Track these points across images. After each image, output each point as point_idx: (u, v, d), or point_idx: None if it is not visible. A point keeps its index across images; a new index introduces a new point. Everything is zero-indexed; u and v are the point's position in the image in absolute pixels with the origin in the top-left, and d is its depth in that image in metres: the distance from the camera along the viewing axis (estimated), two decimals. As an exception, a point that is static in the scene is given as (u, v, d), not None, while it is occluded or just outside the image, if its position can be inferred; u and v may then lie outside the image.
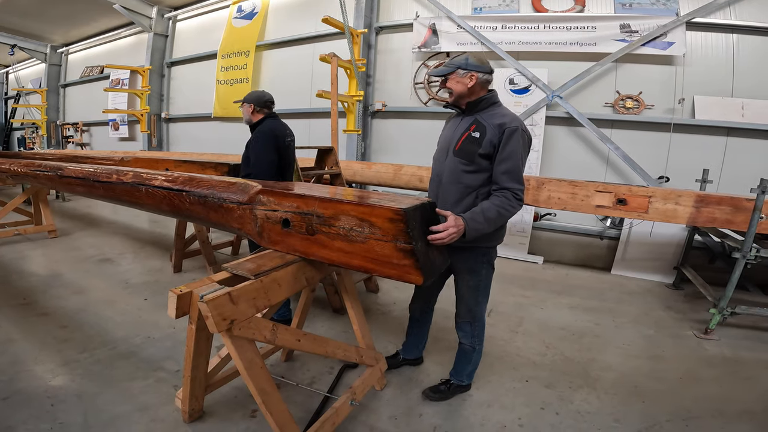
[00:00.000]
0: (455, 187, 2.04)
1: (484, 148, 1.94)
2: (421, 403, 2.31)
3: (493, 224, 1.90)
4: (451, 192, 2.05)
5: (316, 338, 1.93)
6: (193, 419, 2.08)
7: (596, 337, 3.24)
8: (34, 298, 3.74)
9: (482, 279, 2.15)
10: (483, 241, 1.94)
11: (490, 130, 1.94)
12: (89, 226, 6.83)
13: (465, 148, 2.00)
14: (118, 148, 10.42)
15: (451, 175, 2.06)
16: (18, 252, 5.26)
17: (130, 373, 2.54)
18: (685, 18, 4.72)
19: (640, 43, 4.87)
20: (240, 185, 2.20)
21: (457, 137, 2.06)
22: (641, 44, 4.88)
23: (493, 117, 1.98)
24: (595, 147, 5.30)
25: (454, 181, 2.04)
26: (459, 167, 2.02)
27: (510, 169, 1.91)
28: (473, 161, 1.97)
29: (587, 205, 3.82)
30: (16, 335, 2.99)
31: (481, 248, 2.07)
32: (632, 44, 4.90)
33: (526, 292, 4.22)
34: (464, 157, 2.00)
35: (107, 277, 4.43)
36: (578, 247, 5.49)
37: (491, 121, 1.96)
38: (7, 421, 2.04)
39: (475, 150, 1.96)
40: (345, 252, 1.72)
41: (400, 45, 6.37)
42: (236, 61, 7.85)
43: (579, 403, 2.35)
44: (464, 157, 2.00)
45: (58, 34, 11.66)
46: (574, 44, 5.18)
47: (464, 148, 2.00)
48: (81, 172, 3.47)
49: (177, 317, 1.61)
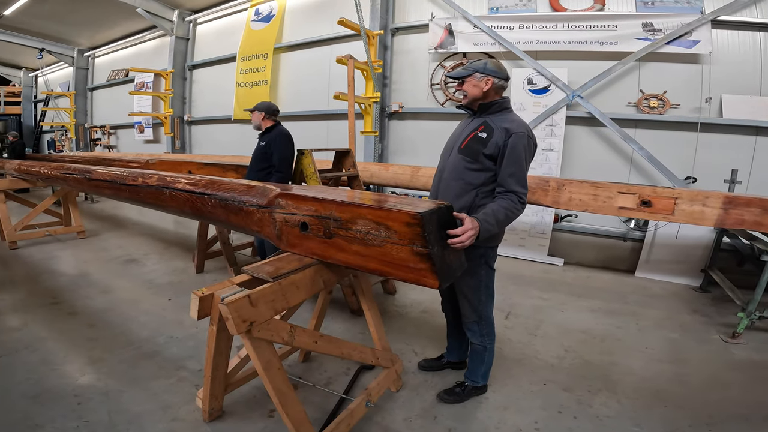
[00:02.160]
0: (456, 183, 2.08)
1: (489, 149, 1.98)
2: (436, 405, 2.31)
3: (500, 226, 1.93)
4: (452, 188, 2.09)
5: (332, 340, 1.95)
6: (213, 418, 2.12)
7: (618, 341, 3.17)
8: (63, 298, 3.88)
9: (482, 279, 2.17)
10: (480, 242, 1.94)
11: (497, 132, 1.98)
12: (116, 227, 7.04)
13: (470, 146, 2.05)
14: (143, 150, 10.72)
15: (453, 171, 2.10)
16: (48, 252, 5.46)
17: (153, 373, 2.61)
18: (710, 16, 4.59)
19: (664, 41, 4.75)
20: (259, 189, 2.24)
21: (464, 136, 2.11)
22: (665, 43, 4.75)
23: (502, 121, 2.02)
24: (618, 147, 5.19)
25: (456, 177, 2.08)
26: (462, 164, 2.06)
27: (515, 173, 1.95)
28: (477, 159, 2.02)
29: (610, 207, 3.73)
30: (46, 334, 3.11)
31: (478, 249, 2.07)
32: (656, 43, 4.79)
33: (545, 295, 4.16)
34: (468, 154, 2.04)
35: (133, 277, 4.56)
36: (600, 249, 5.38)
37: (500, 124, 2.01)
38: (36, 419, 2.12)
39: (480, 149, 2.00)
40: (362, 255, 1.74)
41: (416, 46, 6.36)
42: (255, 64, 7.96)
43: (598, 407, 2.31)
44: (468, 154, 2.04)
45: (84, 38, 12.00)
46: (594, 43, 5.08)
47: (470, 146, 2.05)
48: (108, 175, 3.59)
49: (199, 318, 1.66)
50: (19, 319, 3.35)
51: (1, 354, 2.75)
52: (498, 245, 2.22)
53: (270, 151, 3.54)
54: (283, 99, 7.91)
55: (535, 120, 5.36)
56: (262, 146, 3.61)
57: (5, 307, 3.58)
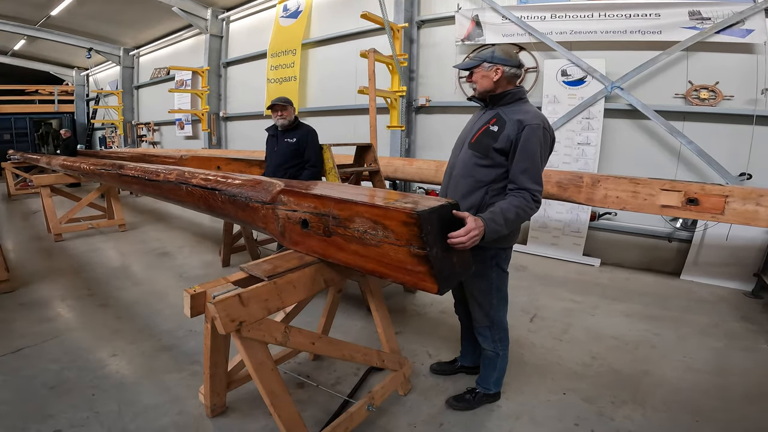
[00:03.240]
0: (466, 180, 1.94)
1: (500, 143, 1.83)
2: (444, 411, 2.19)
3: (511, 226, 1.77)
4: (461, 185, 1.96)
5: (332, 341, 1.89)
6: (216, 414, 2.12)
7: (653, 348, 2.92)
8: (97, 290, 4.05)
9: (493, 282, 2.02)
10: (490, 243, 1.80)
11: (510, 125, 1.82)
12: (156, 221, 7.34)
13: (481, 140, 1.90)
14: (184, 146, 11.13)
15: (463, 167, 1.96)
16: (90, 244, 5.75)
17: (168, 366, 2.65)
18: (764, 5, 4.15)
19: (714, 30, 4.34)
20: (265, 185, 2.20)
21: (475, 130, 1.96)
22: (715, 32, 4.35)
23: (516, 113, 1.85)
24: (664, 141, 4.81)
25: (466, 174, 1.94)
26: (472, 160, 1.92)
27: (528, 169, 1.79)
28: (487, 155, 1.87)
29: (651, 205, 3.45)
30: (75, 325, 3.25)
31: (489, 250, 1.94)
32: (704, 32, 4.39)
33: (576, 297, 3.92)
34: (479, 150, 1.90)
35: (164, 270, 4.71)
36: (642, 250, 5.03)
37: (512, 116, 1.84)
38: (50, 409, 2.18)
39: (490, 144, 1.85)
40: (360, 255, 1.65)
41: (442, 39, 6.17)
42: (284, 60, 8.02)
43: (620, 421, 2.11)
44: (479, 150, 1.90)
45: (129, 37, 12.57)
46: (635, 32, 4.73)
47: (480, 140, 1.90)
48: (135, 170, 3.70)
49: (192, 316, 1.63)
50: (53, 310, 3.52)
51: (31, 344, 2.89)
52: (512, 246, 2.06)
53: (302, 147, 3.62)
54: (311, 94, 7.95)
55: (569, 113, 5.07)
56: (293, 143, 3.64)
57: (43, 297, 3.78)
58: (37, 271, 4.58)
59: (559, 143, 5.24)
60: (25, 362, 2.66)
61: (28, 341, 2.93)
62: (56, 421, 2.09)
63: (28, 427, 2.04)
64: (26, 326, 3.17)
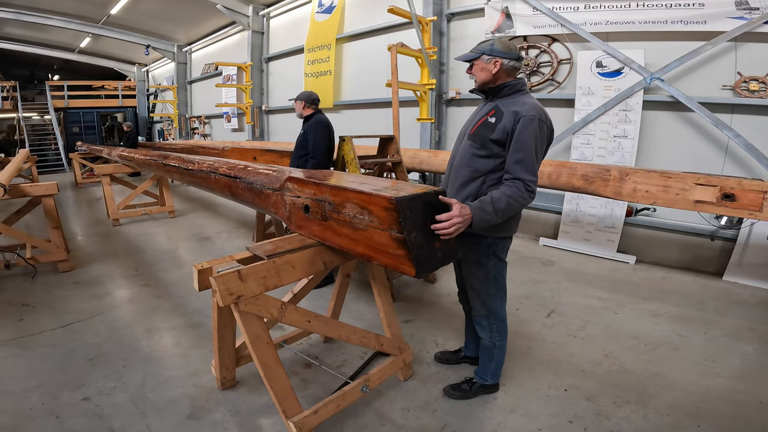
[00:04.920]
0: (464, 170, 1.98)
1: (497, 134, 1.86)
2: (440, 399, 2.25)
3: (502, 215, 1.79)
4: (460, 175, 2.00)
5: (328, 321, 2.00)
6: (226, 387, 2.29)
7: (674, 350, 2.80)
8: (143, 270, 4.43)
9: (490, 271, 2.04)
10: (488, 231, 1.82)
11: (506, 116, 1.85)
12: (201, 208, 7.83)
13: (478, 132, 1.94)
14: (230, 138, 11.70)
15: (462, 158, 2.01)
16: (143, 229, 6.27)
17: (193, 342, 2.88)
18: None
19: (762, 21, 4.00)
20: (276, 173, 2.35)
21: (474, 121, 2.01)
22: (763, 22, 4.00)
23: (513, 104, 1.88)
24: (709, 135, 4.50)
25: (464, 165, 1.98)
26: (471, 151, 1.96)
27: (523, 159, 1.80)
28: (485, 146, 1.90)
29: (684, 201, 3.25)
30: (120, 303, 3.59)
31: (486, 239, 1.96)
32: (753, 22, 4.05)
33: (602, 294, 3.80)
34: (476, 141, 1.94)
35: (204, 254, 5.06)
36: (683, 248, 4.75)
37: (509, 108, 1.87)
38: (84, 378, 2.44)
39: (488, 135, 1.89)
40: (351, 239, 1.75)
41: (473, 31, 6.06)
42: (320, 55, 8.22)
43: (616, 421, 2.07)
44: (476, 141, 1.94)
45: (181, 34, 13.30)
46: (676, 23, 4.45)
47: (478, 132, 1.94)
48: (176, 160, 4.00)
49: (200, 290, 1.80)
50: (103, 288, 3.90)
51: (80, 319, 3.23)
52: (510, 237, 2.07)
53: (307, 139, 3.68)
54: (345, 88, 8.10)
55: (604, 105, 4.87)
56: (302, 134, 3.76)
57: (96, 276, 4.19)
58: (94, 252, 5.08)
59: (592, 136, 5.08)
60: (71, 335, 2.98)
61: (78, 316, 3.28)
62: (87, 390, 2.33)
63: (61, 395, 2.29)
64: (78, 302, 3.55)
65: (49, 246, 4.26)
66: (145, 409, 2.18)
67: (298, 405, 1.82)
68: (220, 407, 2.19)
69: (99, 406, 2.21)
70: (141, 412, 2.16)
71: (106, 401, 2.24)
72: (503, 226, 1.94)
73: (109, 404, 2.22)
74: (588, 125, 5.05)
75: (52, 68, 19.67)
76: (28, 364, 2.60)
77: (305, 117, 3.82)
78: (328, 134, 3.72)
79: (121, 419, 2.11)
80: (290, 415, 1.79)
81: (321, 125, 3.68)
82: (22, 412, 2.15)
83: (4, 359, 2.66)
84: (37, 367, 2.57)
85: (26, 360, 2.66)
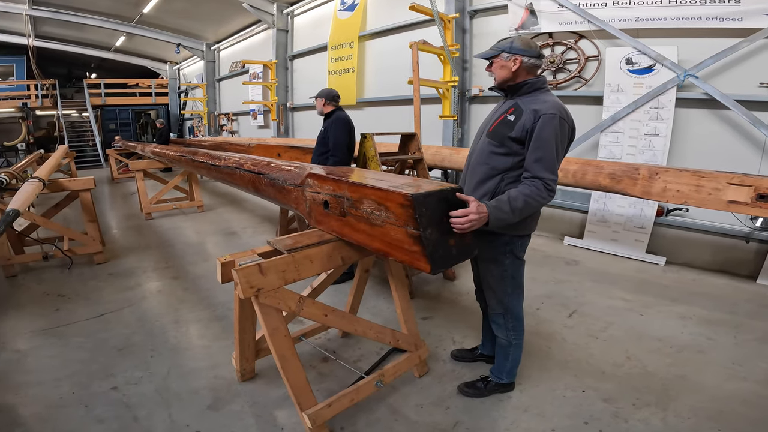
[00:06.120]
0: (482, 167, 1.97)
1: (516, 132, 1.84)
2: (454, 396, 2.25)
3: (520, 214, 1.78)
4: (477, 172, 1.99)
5: (345, 315, 2.04)
6: (245, 379, 2.36)
7: (700, 354, 2.72)
8: (173, 263, 4.60)
9: (507, 269, 2.03)
10: (505, 229, 1.81)
11: (526, 114, 1.83)
12: (228, 203, 8.05)
13: (497, 130, 1.93)
14: (256, 135, 11.94)
15: (480, 155, 2.00)
16: (173, 223, 6.50)
17: (216, 334, 2.98)
18: None
19: None
20: (298, 170, 2.40)
21: (494, 119, 1.99)
22: None
23: (533, 102, 1.86)
24: (745, 133, 4.31)
25: (482, 162, 1.98)
26: (489, 148, 1.95)
27: (542, 158, 1.78)
28: (503, 144, 1.89)
29: (716, 201, 3.14)
30: (149, 294, 3.73)
31: (503, 237, 1.95)
32: None
33: (628, 295, 3.70)
34: (495, 138, 1.93)
35: (230, 248, 5.20)
36: (716, 250, 4.57)
37: (529, 106, 1.85)
38: (113, 369, 2.55)
39: (506, 133, 1.87)
40: (368, 234, 1.78)
41: (496, 28, 5.98)
42: (343, 52, 8.27)
43: (634, 423, 2.03)
44: (495, 138, 1.93)
45: (209, 33, 13.63)
46: (711, 19, 4.30)
47: (497, 130, 1.93)
48: (203, 156, 4.13)
49: (223, 282, 1.87)
50: (135, 280, 4.08)
51: (112, 310, 3.39)
52: (529, 235, 2.05)
53: (328, 136, 3.69)
54: (368, 85, 8.13)
55: (635, 102, 4.74)
56: (322, 131, 3.78)
57: (129, 269, 4.38)
58: (127, 245, 5.31)
59: (622, 134, 4.94)
60: (103, 326, 3.12)
61: (110, 307, 3.43)
62: (116, 379, 2.44)
63: (91, 384, 2.40)
64: (111, 294, 3.72)
65: (86, 238, 4.48)
66: (169, 399, 2.27)
67: (312, 397, 1.87)
68: (238, 398, 2.26)
69: (126, 395, 2.30)
70: (165, 401, 2.25)
71: (132, 390, 2.34)
72: (521, 224, 1.92)
73: (136, 393, 2.31)
74: (617, 123, 4.92)
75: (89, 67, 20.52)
76: (62, 354, 2.73)
77: (326, 114, 3.82)
78: (349, 131, 3.72)
79: (146, 408, 2.19)
80: (305, 408, 1.84)
81: (341, 122, 3.69)
82: (53, 401, 2.24)
83: (40, 348, 2.80)
84: (70, 357, 2.69)
85: (60, 349, 2.78)
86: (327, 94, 3.83)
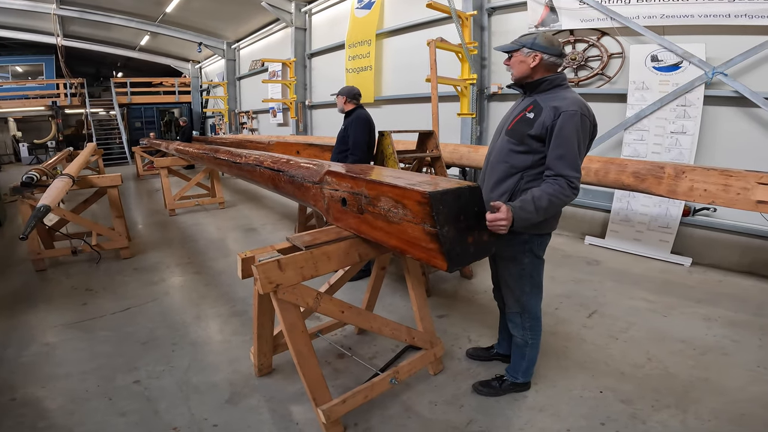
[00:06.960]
0: (501, 166, 1.96)
1: (536, 130, 1.82)
2: (468, 394, 2.24)
3: (544, 213, 1.76)
4: (496, 171, 1.98)
5: (361, 312, 2.06)
6: (263, 374, 2.41)
7: (724, 355, 2.64)
8: (195, 259, 4.70)
9: (525, 268, 2.01)
10: (525, 228, 1.79)
11: (546, 112, 1.81)
12: (248, 200, 8.18)
13: (516, 128, 1.91)
14: (275, 132, 12.10)
15: (499, 154, 1.98)
16: (196, 219, 6.64)
17: (236, 329, 3.04)
18: None
19: None
20: (316, 167, 2.43)
21: (512, 117, 1.97)
22: None
23: (553, 99, 1.83)
24: (778, 132, 4.18)
25: (501, 161, 1.96)
26: (508, 146, 1.93)
27: (565, 155, 1.76)
28: (523, 141, 1.87)
29: (744, 200, 3.05)
30: (173, 289, 3.83)
31: (522, 235, 1.93)
32: None
33: (651, 296, 3.62)
34: (514, 136, 1.91)
35: (249, 244, 5.30)
36: (744, 250, 4.42)
37: (549, 103, 1.83)
38: (137, 362, 2.62)
39: (526, 130, 1.85)
40: (385, 232, 1.80)
41: (515, 26, 5.90)
42: (360, 50, 8.29)
43: (652, 425, 1.99)
44: (514, 136, 1.91)
45: (229, 32, 13.85)
46: (741, 16, 4.16)
47: (516, 128, 1.91)
48: (225, 154, 4.22)
49: (243, 278, 1.91)
50: (159, 275, 4.19)
51: (137, 304, 3.49)
52: (549, 233, 2.03)
53: (348, 134, 3.71)
54: (386, 83, 8.13)
55: (660, 100, 4.62)
56: (342, 129, 3.80)
57: (154, 264, 4.50)
58: (152, 240, 5.46)
59: (647, 132, 4.83)
60: (128, 320, 3.21)
61: (135, 301, 3.53)
62: (138, 373, 2.51)
63: (115, 377, 2.47)
64: (136, 288, 3.83)
65: (113, 234, 4.62)
66: (188, 393, 2.32)
67: (327, 393, 1.90)
68: (255, 393, 2.30)
69: (148, 389, 2.36)
70: (184, 395, 2.30)
71: (154, 384, 2.40)
72: (542, 223, 1.90)
73: (157, 387, 2.38)
74: (642, 121, 4.81)
75: (115, 66, 21.11)
76: (89, 347, 2.82)
77: (346, 112, 3.83)
78: (369, 130, 3.73)
79: (167, 401, 2.25)
80: (320, 403, 1.87)
81: (361, 121, 3.70)
82: (79, 394, 2.31)
83: (68, 342, 2.89)
84: (96, 350, 2.77)
85: (87, 343, 2.87)
86: (348, 92, 3.84)
